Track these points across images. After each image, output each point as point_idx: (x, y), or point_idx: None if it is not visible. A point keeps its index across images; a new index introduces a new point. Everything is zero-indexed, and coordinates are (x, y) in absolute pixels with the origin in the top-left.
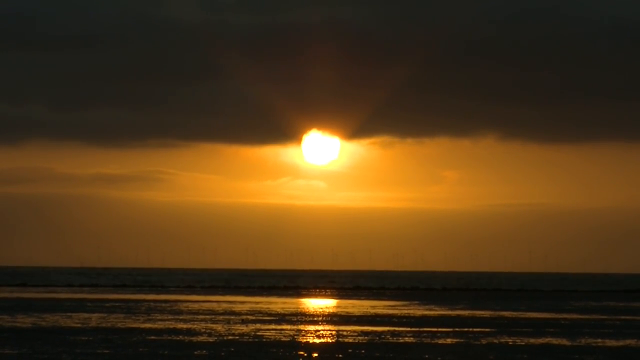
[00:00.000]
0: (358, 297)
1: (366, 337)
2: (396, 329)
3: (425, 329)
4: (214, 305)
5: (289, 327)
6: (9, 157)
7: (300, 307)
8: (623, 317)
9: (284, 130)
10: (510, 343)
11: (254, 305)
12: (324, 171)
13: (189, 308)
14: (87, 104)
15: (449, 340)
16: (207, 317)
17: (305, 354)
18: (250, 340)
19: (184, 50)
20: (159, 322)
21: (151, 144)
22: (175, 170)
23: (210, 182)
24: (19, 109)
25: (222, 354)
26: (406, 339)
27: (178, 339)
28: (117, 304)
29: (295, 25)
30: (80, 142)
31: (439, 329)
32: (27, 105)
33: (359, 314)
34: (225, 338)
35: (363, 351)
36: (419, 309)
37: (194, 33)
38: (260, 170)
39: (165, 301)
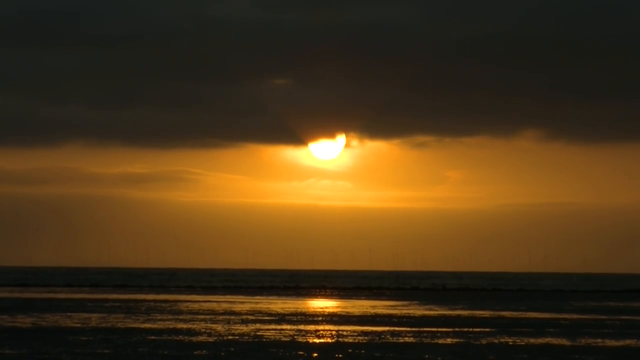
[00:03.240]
0: (358, 297)
1: (366, 337)
2: (396, 329)
3: (425, 329)
4: (214, 305)
5: (289, 327)
6: (46, 157)
7: (300, 307)
8: (623, 317)
9: (316, 132)
10: (510, 343)
11: (254, 305)
12: (347, 172)
13: (189, 308)
14: (125, 104)
15: (449, 340)
16: (207, 317)
17: (305, 354)
18: (250, 340)
19: (223, 50)
20: (159, 322)
21: (184, 144)
22: (202, 170)
23: (236, 182)
24: (57, 109)
25: (222, 354)
26: (406, 339)
27: (178, 338)
28: (117, 304)
29: (339, 26)
30: (116, 143)
31: (439, 329)
32: (67, 106)
33: (359, 313)
34: (225, 338)
35: (363, 351)
36: (419, 309)
37: (240, 33)
38: (287, 171)
39: (165, 301)
